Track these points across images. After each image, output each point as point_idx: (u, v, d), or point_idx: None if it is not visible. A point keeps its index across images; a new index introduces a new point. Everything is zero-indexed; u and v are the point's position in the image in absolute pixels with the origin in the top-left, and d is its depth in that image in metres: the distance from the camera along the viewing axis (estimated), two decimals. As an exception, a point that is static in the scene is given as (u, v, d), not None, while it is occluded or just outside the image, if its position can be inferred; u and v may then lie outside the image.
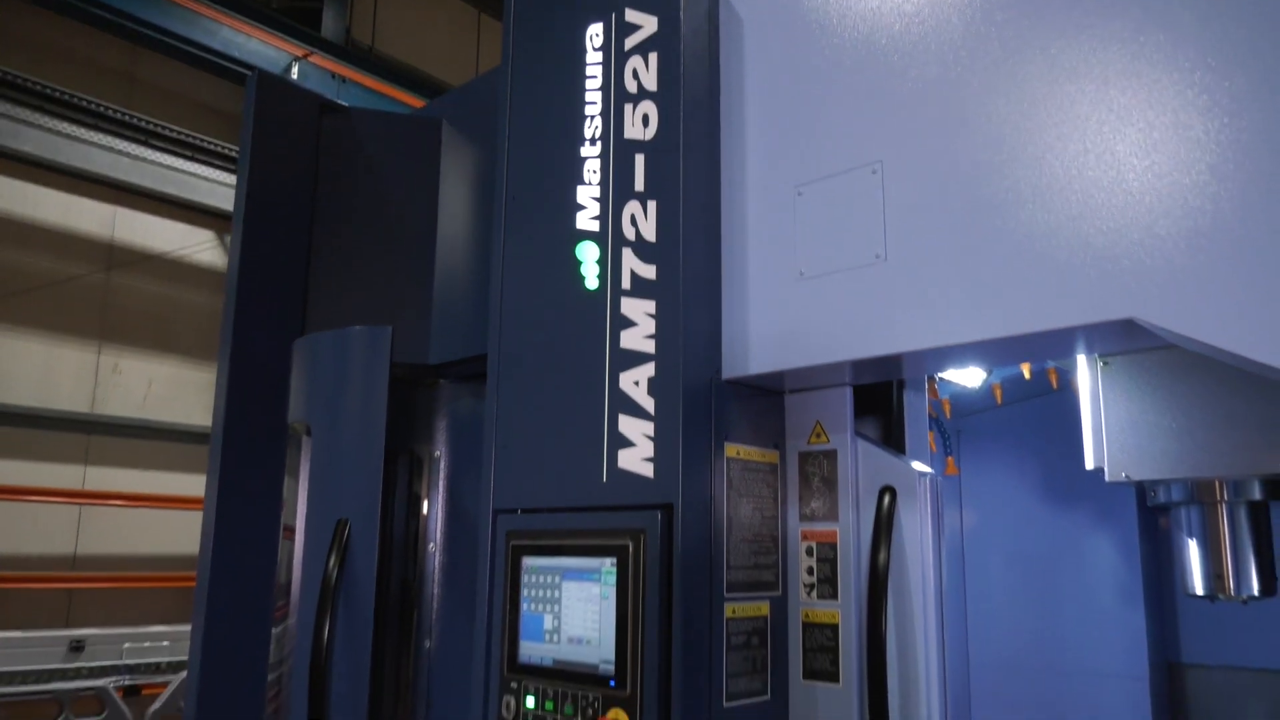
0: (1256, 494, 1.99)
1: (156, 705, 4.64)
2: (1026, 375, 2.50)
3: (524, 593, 1.87)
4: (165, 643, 5.85)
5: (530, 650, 1.84)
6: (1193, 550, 2.07)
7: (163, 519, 7.83)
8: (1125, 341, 1.51)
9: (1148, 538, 2.72)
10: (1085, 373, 2.15)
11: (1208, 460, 1.96)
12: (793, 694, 1.78)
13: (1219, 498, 2.03)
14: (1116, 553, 2.74)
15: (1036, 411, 2.85)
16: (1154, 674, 2.68)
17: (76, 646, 5.39)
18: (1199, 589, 2.06)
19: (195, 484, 8.15)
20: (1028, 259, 1.38)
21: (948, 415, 2.81)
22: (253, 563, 2.68)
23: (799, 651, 1.78)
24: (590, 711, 1.70)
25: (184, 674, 4.93)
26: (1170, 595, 2.76)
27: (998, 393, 2.72)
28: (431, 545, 2.66)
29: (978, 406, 2.90)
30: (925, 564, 1.69)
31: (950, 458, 2.90)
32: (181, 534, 7.95)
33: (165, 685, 5.06)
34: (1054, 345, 1.47)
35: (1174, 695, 2.77)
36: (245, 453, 2.67)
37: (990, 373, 2.59)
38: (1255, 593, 2.01)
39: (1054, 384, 2.53)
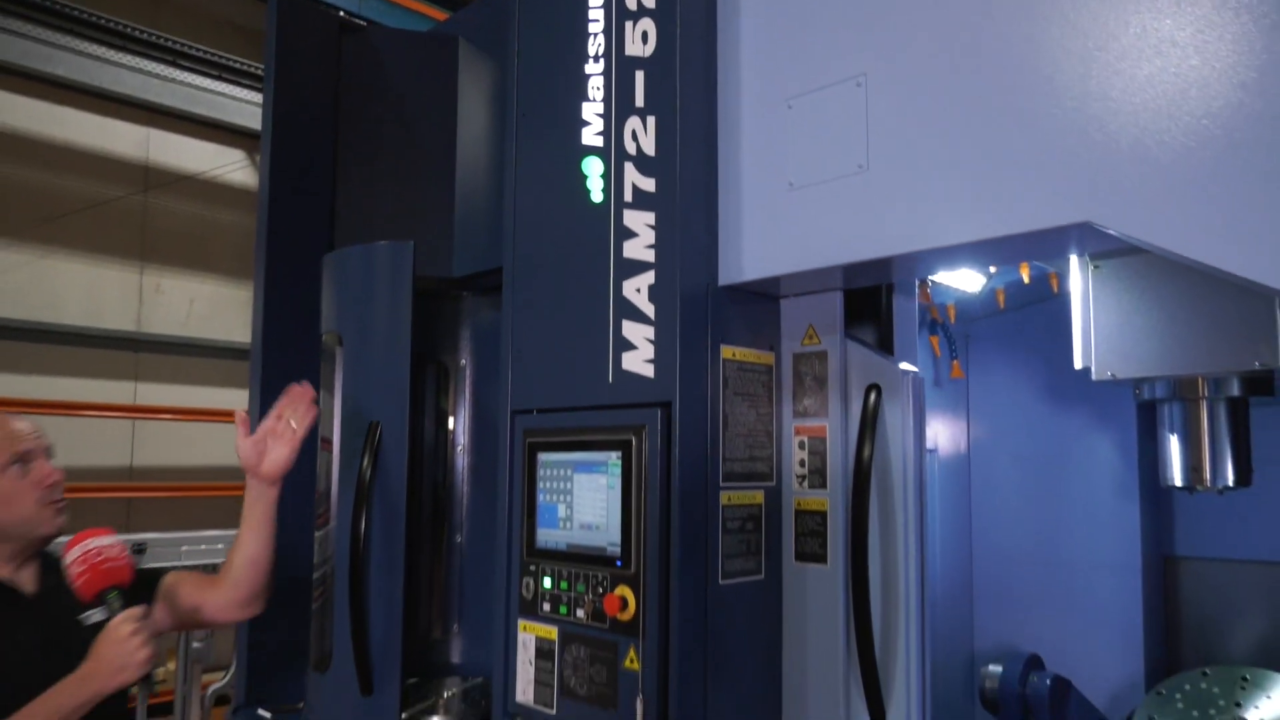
0: (1235, 390, 2.08)
1: (214, 601, 4.99)
2: (1025, 279, 2.58)
3: (540, 485, 2.04)
4: (220, 545, 6.22)
5: (546, 536, 2.02)
6: (1173, 445, 2.17)
7: (210, 432, 8.17)
8: (1088, 245, 1.60)
9: (1146, 437, 2.82)
10: (1077, 275, 2.23)
11: (1190, 358, 2.06)
12: (785, 574, 1.94)
13: (1200, 394, 2.12)
14: (1115, 451, 2.84)
15: (1042, 315, 2.91)
16: (1146, 566, 2.80)
17: (139, 549, 5.76)
18: (1177, 481, 2.18)
19: (240, 399, 8.49)
20: (994, 167, 1.47)
21: (952, 320, 2.90)
22: (293, 470, 2.88)
23: (791, 536, 1.94)
24: (600, 589, 1.88)
25: (238, 573, 5.27)
26: (1166, 491, 2.87)
27: (1000, 297, 2.80)
28: (460, 448, 2.85)
29: (983, 311, 2.98)
30: (907, 456, 1.82)
31: (956, 361, 2.99)
32: (229, 446, 8.31)
33: (221, 584, 5.41)
34: (1020, 249, 1.56)
35: (1166, 586, 2.90)
36: (284, 365, 2.85)
37: (990, 278, 2.67)
38: (1230, 483, 2.11)
39: (1055, 288, 2.60)
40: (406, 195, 2.81)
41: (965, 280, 2.55)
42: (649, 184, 1.87)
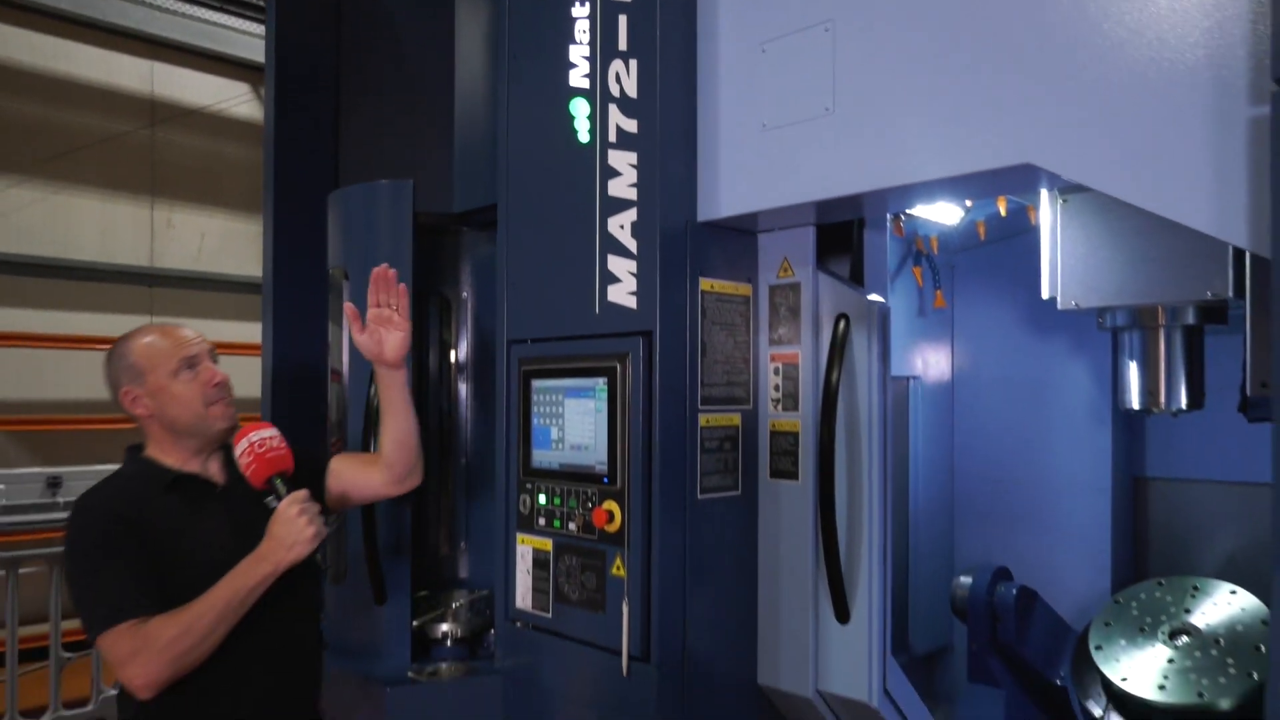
0: (1190, 319, 2.19)
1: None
2: (1002, 212, 2.67)
3: (534, 409, 2.19)
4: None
5: (540, 457, 2.18)
6: (1132, 370, 2.30)
7: (224, 364, 8.37)
8: (1034, 183, 1.70)
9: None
10: (1047, 209, 2.33)
11: (1148, 289, 2.17)
12: (760, 489, 2.10)
13: (1158, 323, 2.24)
14: (1089, 378, 2.96)
15: (1023, 247, 2.99)
16: (1116, 486, 2.95)
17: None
18: (1135, 404, 2.30)
19: (252, 331, 8.67)
20: (947, 111, 1.57)
21: (935, 251, 3.00)
22: (307, 399, 3.05)
23: (766, 455, 2.09)
24: (589, 504, 2.04)
25: (73, 525, 5.50)
26: (1138, 416, 3.00)
27: (980, 229, 2.90)
28: (463, 376, 3.00)
29: (965, 243, 3.08)
30: (872, 380, 1.96)
31: (939, 290, 3.11)
32: (245, 378, 8.51)
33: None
34: (973, 187, 1.67)
35: (1135, 505, 3.06)
36: (293, 299, 3.00)
37: (969, 211, 2.76)
38: (1184, 406, 2.24)
39: (1032, 221, 2.69)
40: (407, 134, 2.90)
41: (943, 213, 2.65)
42: (631, 125, 1.98)
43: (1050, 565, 2.98)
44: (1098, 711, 2.37)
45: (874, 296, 2.02)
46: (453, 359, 2.99)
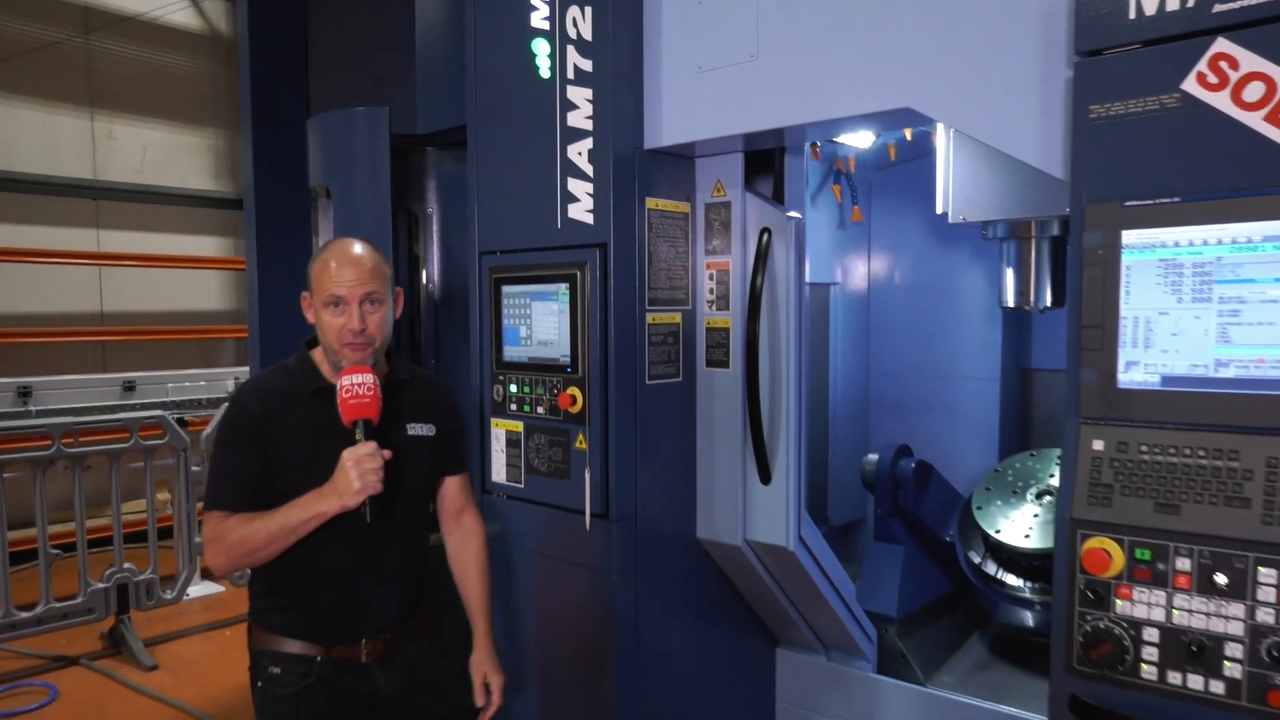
0: (1055, 231, 2.62)
1: (208, 431, 5.50)
2: (908, 137, 3.05)
3: (505, 311, 2.55)
4: (201, 383, 6.72)
5: (511, 352, 2.55)
6: (1009, 274, 2.73)
7: (174, 277, 8.44)
8: (915, 123, 2.07)
9: (1010, 269, 3.37)
10: (942, 135, 2.71)
11: (1022, 205, 2.57)
12: (698, 376, 2.51)
13: (1030, 234, 2.66)
14: (984, 282, 3.39)
15: (930, 167, 3.38)
16: (1005, 376, 3.41)
17: (129, 386, 6.24)
18: (1010, 302, 2.74)
19: (200, 245, 8.73)
20: (844, 61, 1.94)
21: (852, 170, 3.38)
22: (293, 309, 3.34)
23: (702, 347, 2.49)
24: (555, 390, 2.43)
25: (224, 407, 5.78)
26: (1026, 315, 3.45)
27: (891, 152, 3.28)
28: (430, 285, 3.32)
29: (880, 164, 3.47)
30: (789, 284, 2.35)
31: (856, 206, 3.49)
32: (194, 291, 8.62)
33: (209, 418, 5.92)
34: (867, 124, 2.04)
35: (1022, 393, 3.54)
36: (275, 212, 3.28)
37: (880, 135, 3.14)
38: (1048, 304, 2.69)
39: (934, 144, 3.07)
40: (373, 59, 3.15)
41: (857, 138, 3.02)
42: (587, 64, 2.29)
43: (950, 444, 3.44)
44: (977, 559, 2.85)
45: (792, 213, 2.40)
46: (422, 271, 3.30)
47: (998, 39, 1.74)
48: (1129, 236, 1.49)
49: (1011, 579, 2.75)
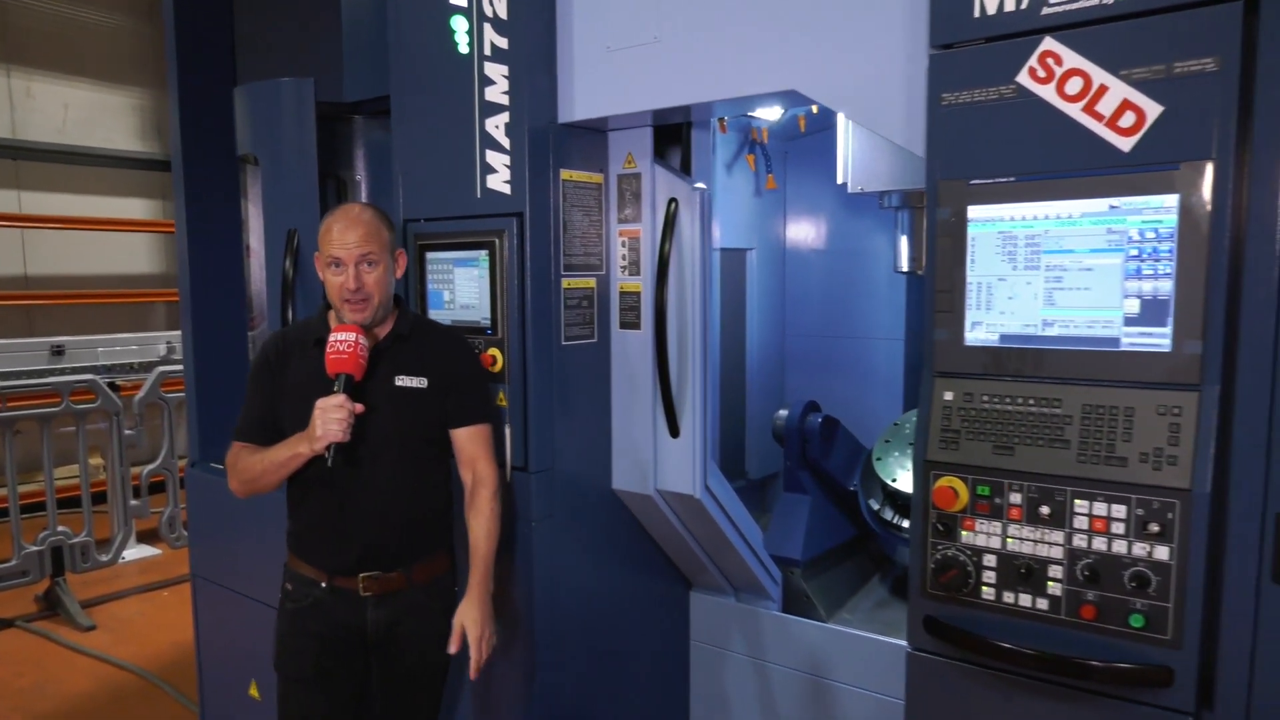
0: (944, 200, 2.82)
1: (140, 394, 5.53)
2: (814, 110, 3.23)
3: (429, 276, 2.68)
4: (133, 347, 6.69)
5: (435, 315, 2.68)
6: (903, 242, 2.94)
7: (101, 240, 8.31)
8: (800, 102, 2.24)
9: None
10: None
11: (913, 176, 2.77)
12: (612, 337, 2.67)
13: (922, 203, 2.86)
14: (890, 247, 3.60)
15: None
16: (909, 336, 3.63)
17: (58, 351, 6.20)
18: (904, 267, 2.95)
19: (128, 207, 8.60)
20: (737, 45, 2.10)
21: (765, 141, 3.55)
22: (223, 274, 3.41)
23: (616, 310, 2.65)
24: (476, 351, 2.57)
25: (158, 370, 5.80)
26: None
27: (801, 123, 3.45)
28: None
29: (791, 134, 3.64)
30: (695, 250, 2.52)
31: (770, 175, 3.67)
32: (123, 254, 8.50)
33: (141, 382, 5.93)
34: (763, 103, 2.20)
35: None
36: (203, 177, 3.33)
37: (786, 109, 3.31)
38: (938, 269, 2.90)
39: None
40: (300, 27, 3.21)
41: (766, 112, 3.19)
42: (503, 42, 2.41)
43: (859, 401, 3.66)
44: (876, 507, 3.08)
45: (699, 184, 2.57)
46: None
47: (870, 28, 1.92)
48: (974, 211, 1.69)
49: (907, 524, 2.98)
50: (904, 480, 2.95)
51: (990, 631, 1.68)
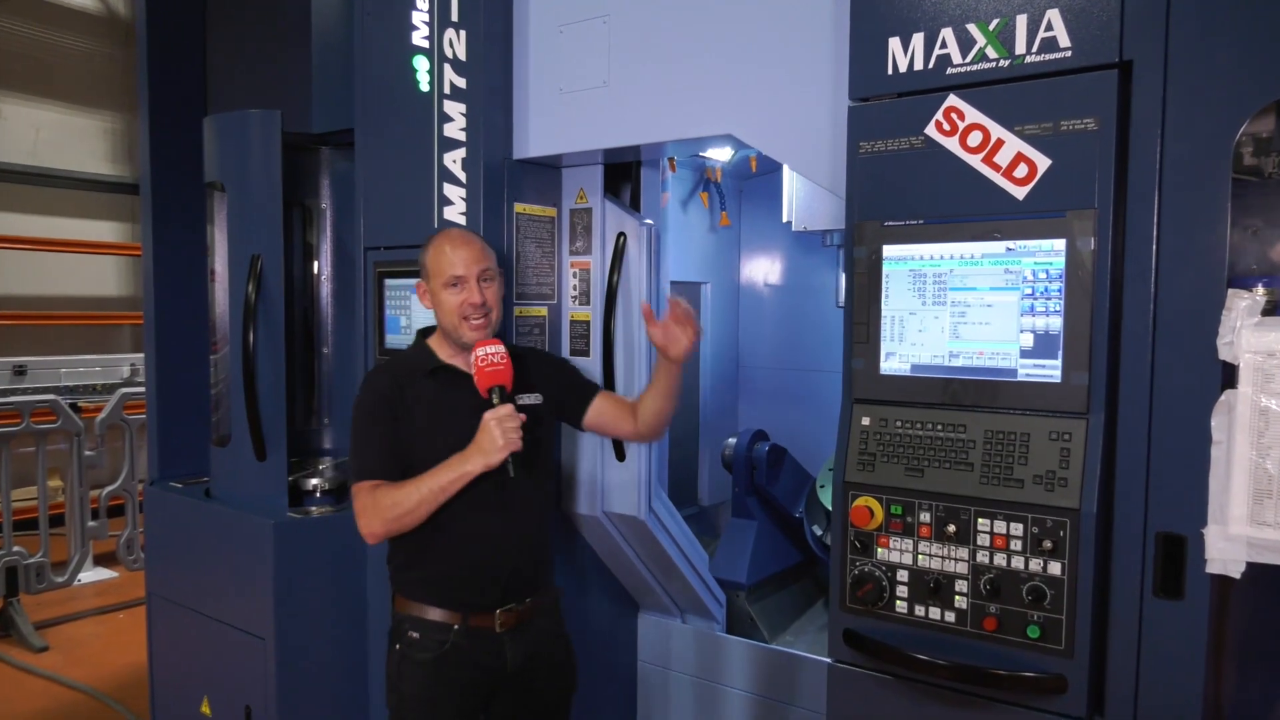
0: (882, 239, 2.97)
1: (102, 416, 5.54)
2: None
3: (387, 302, 2.78)
4: (97, 368, 6.69)
5: (392, 340, 2.78)
6: (843, 279, 3.07)
7: (69, 262, 8.29)
8: (738, 145, 2.39)
9: (861, 272, 3.73)
10: (787, 153, 3.04)
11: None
12: (562, 364, 2.78)
13: (861, 242, 3.00)
14: (839, 283, 3.75)
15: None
16: (856, 368, 3.77)
17: (20, 370, 6.19)
18: (844, 303, 3.09)
19: (96, 229, 8.60)
20: (678, 91, 2.24)
21: (719, 179, 3.70)
22: (187, 298, 3.49)
23: (567, 337, 2.77)
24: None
25: (120, 392, 5.82)
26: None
27: (753, 164, 3.61)
28: (323, 277, 3.51)
29: (743, 173, 3.80)
30: (642, 281, 2.65)
31: (724, 212, 3.82)
32: (90, 276, 8.48)
33: (104, 404, 5.94)
34: (705, 145, 2.34)
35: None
36: (171, 202, 3.42)
37: (736, 150, 3.46)
38: (877, 304, 3.04)
39: (789, 158, 3.41)
40: (270, 60, 3.33)
41: (717, 153, 3.34)
42: (462, 82, 2.54)
43: (810, 431, 3.76)
44: (820, 532, 3.20)
45: (647, 220, 2.70)
46: (315, 261, 3.49)
47: (799, 79, 2.07)
48: (889, 250, 1.82)
49: (847, 549, 3.09)
50: (845, 506, 3.07)
51: (904, 643, 1.79)
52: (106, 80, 8.65)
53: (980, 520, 1.71)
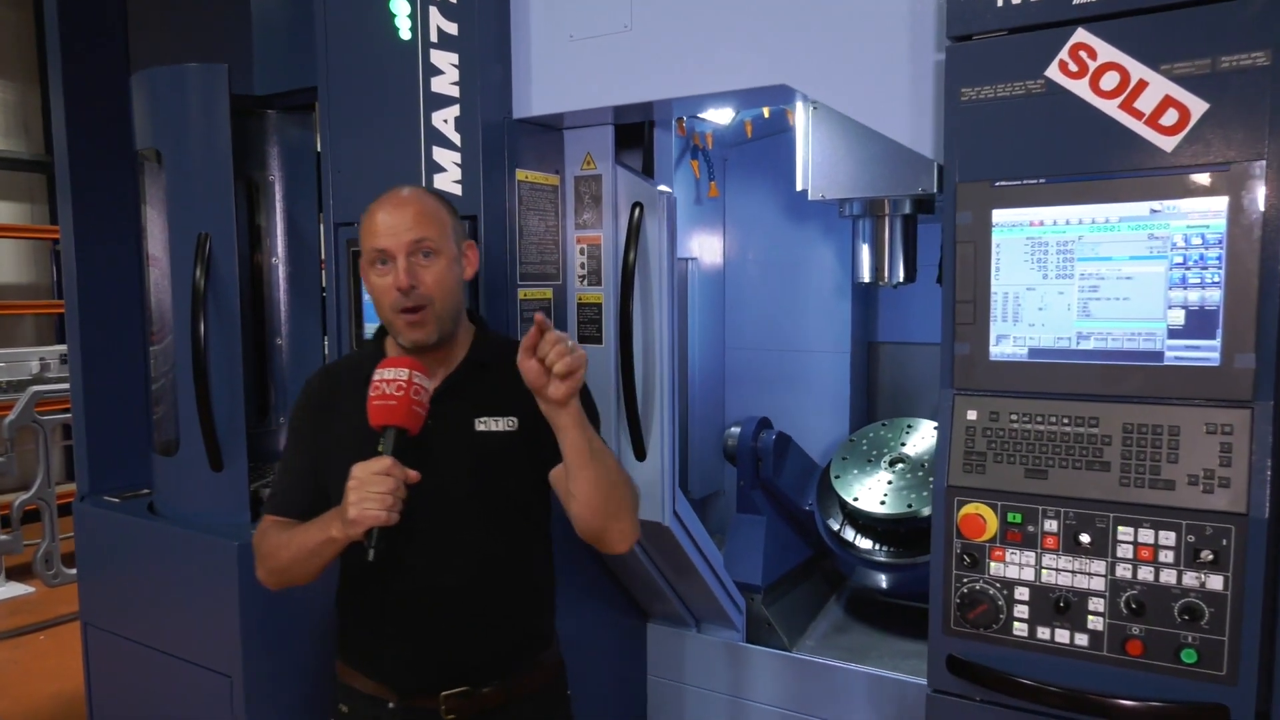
0: (908, 209, 2.72)
1: (11, 417, 4.99)
2: (765, 114, 3.10)
3: (363, 286, 2.41)
4: (1, 365, 6.07)
5: (370, 328, 2.41)
6: (864, 251, 2.82)
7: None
8: (793, 99, 2.10)
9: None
10: (801, 114, 2.76)
11: (877, 183, 2.66)
12: (570, 353, 2.46)
13: (884, 212, 2.76)
14: (835, 258, 3.50)
15: (785, 144, 3.44)
16: (854, 349, 3.54)
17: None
18: (866, 278, 2.84)
19: (7, 211, 7.88)
20: (720, 35, 1.93)
21: (710, 146, 3.40)
22: (115, 284, 3.05)
23: (575, 322, 2.44)
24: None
25: (31, 390, 5.26)
26: (873, 290, 3.59)
27: (748, 128, 3.32)
28: (274, 258, 3.11)
29: (736, 140, 3.51)
30: (662, 258, 2.34)
31: (713, 182, 3.52)
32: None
33: (11, 403, 5.37)
34: (744, 100, 2.05)
35: (869, 365, 3.69)
36: (93, 179, 2.97)
37: (739, 111, 3.17)
38: (901, 280, 2.80)
39: (790, 122, 3.13)
40: (202, 12, 2.91)
41: (717, 114, 3.04)
42: (452, 27, 2.19)
43: (803, 416, 3.54)
44: (835, 526, 2.96)
45: (663, 187, 2.39)
46: (265, 242, 3.09)
47: (870, 20, 1.78)
48: (999, 215, 1.56)
49: (866, 543, 2.87)
50: (866, 498, 2.84)
51: (1023, 670, 1.55)
52: (1, 47, 7.90)
53: (1121, 529, 1.47)
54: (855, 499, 2.84)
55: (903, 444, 3.02)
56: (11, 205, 7.96)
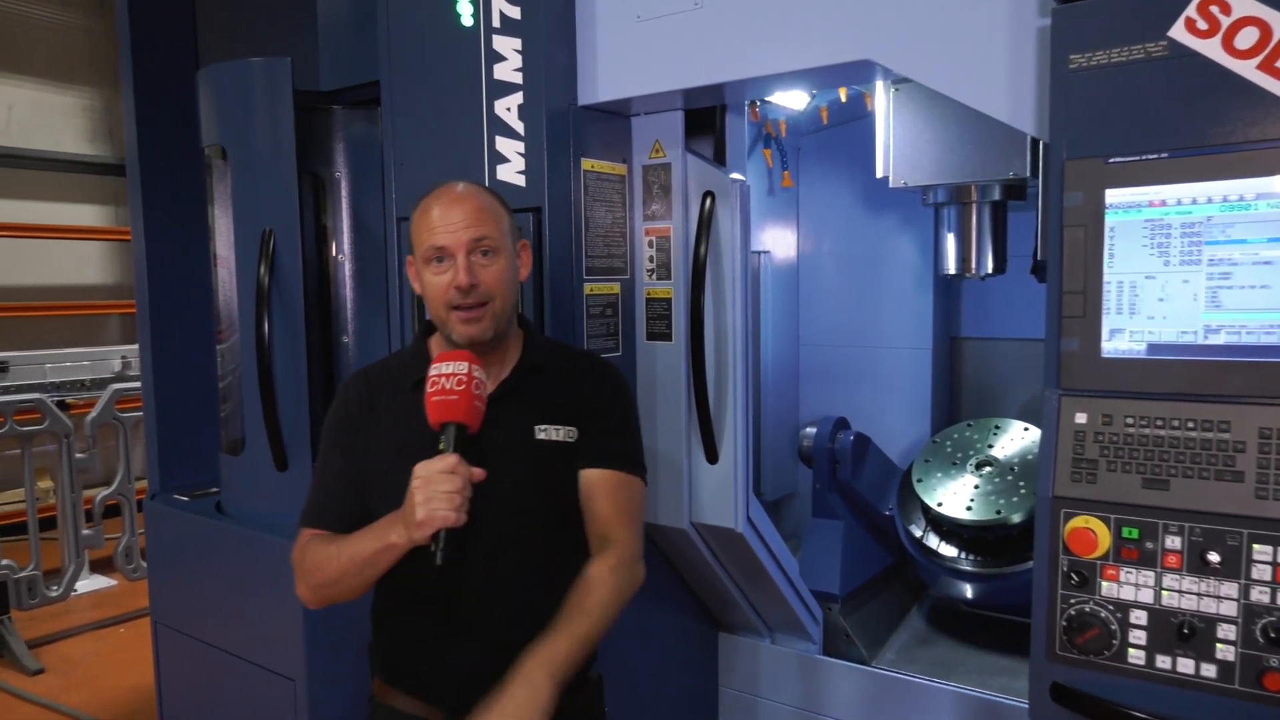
0: (997, 195, 2.55)
1: (93, 414, 5.09)
2: (843, 98, 2.95)
3: (426, 283, 2.34)
4: (85, 363, 6.24)
5: (434, 327, 2.35)
6: (949, 241, 2.66)
7: (49, 249, 7.83)
8: (876, 76, 1.96)
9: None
10: (881, 96, 2.61)
11: (964, 168, 2.50)
12: (639, 350, 2.36)
13: (971, 199, 2.59)
14: (915, 250, 3.33)
15: (861, 130, 3.28)
16: (936, 345, 3.37)
17: (1, 368, 5.74)
18: (951, 269, 2.68)
19: (78, 213, 8.11)
20: (799, 10, 1.80)
21: (783, 134, 3.26)
22: (185, 284, 3.05)
23: (643, 319, 2.34)
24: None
25: (112, 388, 5.37)
26: (955, 283, 3.41)
27: (824, 114, 3.17)
28: (340, 255, 3.07)
29: (810, 127, 3.36)
30: (735, 250, 2.22)
31: (786, 171, 3.38)
32: (72, 264, 8.01)
33: (94, 400, 5.49)
34: (823, 78, 1.92)
35: (952, 361, 3.51)
36: (162, 180, 2.98)
37: (814, 97, 3.02)
38: (990, 271, 2.63)
39: (869, 106, 2.98)
40: (269, 9, 2.87)
41: (791, 99, 2.90)
42: (515, 11, 2.10)
43: (881, 415, 3.39)
44: (918, 533, 2.80)
45: (735, 175, 2.26)
46: (330, 238, 3.05)
47: (968, -14, 1.63)
48: (1113, 195, 1.40)
49: (950, 551, 2.71)
50: (950, 503, 2.69)
51: (1139, 702, 1.39)
52: (84, 55, 8.13)
53: (1257, 547, 1.30)
54: (939, 504, 2.69)
55: (990, 446, 2.85)
56: (96, 208, 8.19)
